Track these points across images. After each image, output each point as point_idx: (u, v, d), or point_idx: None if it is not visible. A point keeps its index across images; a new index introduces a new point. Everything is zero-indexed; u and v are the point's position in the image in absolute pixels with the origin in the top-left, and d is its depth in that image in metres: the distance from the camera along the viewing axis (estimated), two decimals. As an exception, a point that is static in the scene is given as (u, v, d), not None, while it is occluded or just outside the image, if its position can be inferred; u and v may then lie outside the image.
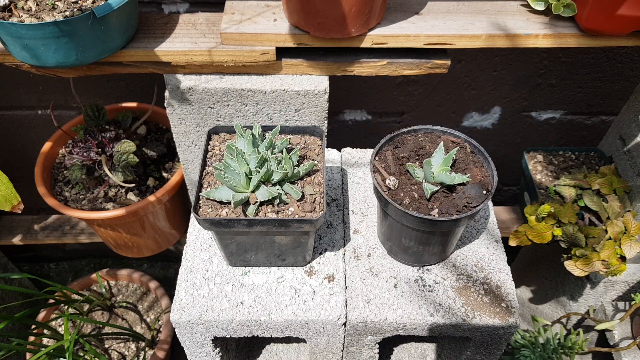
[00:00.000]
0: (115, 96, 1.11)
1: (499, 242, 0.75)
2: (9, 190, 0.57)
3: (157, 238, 1.09)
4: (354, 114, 1.15)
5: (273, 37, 0.74)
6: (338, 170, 0.86)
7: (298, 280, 0.70)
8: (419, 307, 0.67)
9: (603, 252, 0.84)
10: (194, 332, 0.68)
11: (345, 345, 0.72)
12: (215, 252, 0.73)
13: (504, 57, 1.04)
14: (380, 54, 0.78)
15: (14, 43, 0.66)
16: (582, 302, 1.08)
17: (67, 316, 1.01)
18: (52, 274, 1.60)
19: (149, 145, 1.01)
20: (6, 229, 1.23)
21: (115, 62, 0.76)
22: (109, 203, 0.98)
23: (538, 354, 0.97)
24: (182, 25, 0.79)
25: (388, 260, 0.73)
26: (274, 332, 0.69)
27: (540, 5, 0.77)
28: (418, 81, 1.08)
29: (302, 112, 0.81)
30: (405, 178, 0.64)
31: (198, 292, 0.68)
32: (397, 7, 0.79)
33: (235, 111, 0.81)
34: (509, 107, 1.15)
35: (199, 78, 0.78)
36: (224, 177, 0.59)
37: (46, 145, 1.03)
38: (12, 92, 1.10)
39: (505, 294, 0.69)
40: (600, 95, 1.13)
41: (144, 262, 1.60)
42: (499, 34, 0.75)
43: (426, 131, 0.69)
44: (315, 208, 0.62)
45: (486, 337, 0.69)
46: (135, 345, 1.26)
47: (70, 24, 0.64)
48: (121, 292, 1.38)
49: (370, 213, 0.79)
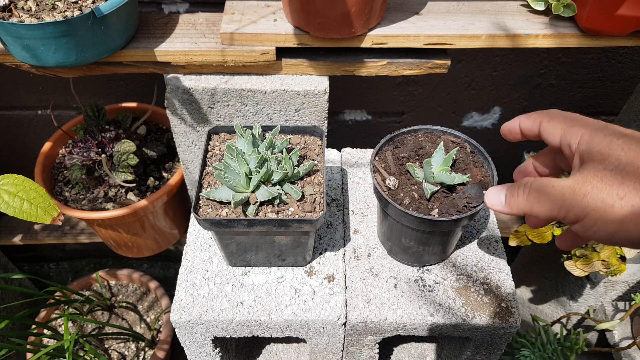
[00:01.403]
0: (115, 96, 1.11)
1: (499, 242, 0.75)
2: (47, 202, 0.56)
3: (157, 238, 1.09)
4: (354, 114, 1.15)
5: (273, 37, 0.74)
6: (338, 170, 0.86)
7: (298, 280, 0.70)
8: (419, 307, 0.67)
9: (603, 252, 0.84)
10: (194, 332, 0.68)
11: (345, 345, 0.72)
12: (215, 252, 0.73)
13: (504, 57, 1.04)
14: (380, 54, 0.78)
15: (14, 43, 0.66)
16: (582, 302, 1.08)
17: (67, 316, 1.01)
18: (52, 274, 1.60)
19: (149, 145, 1.01)
20: (6, 229, 1.23)
21: (115, 62, 0.76)
22: (109, 203, 0.98)
23: (538, 354, 0.97)
24: (182, 25, 0.79)
25: (388, 261, 0.73)
26: (274, 332, 0.69)
27: (540, 5, 0.77)
28: (418, 81, 1.08)
29: (302, 112, 0.81)
30: (405, 178, 0.64)
31: (198, 292, 0.68)
32: (397, 7, 0.79)
33: (235, 111, 0.81)
34: (509, 107, 1.15)
35: (199, 78, 0.78)
36: (224, 177, 0.59)
37: (46, 145, 1.03)
38: (12, 92, 1.10)
39: (505, 294, 0.69)
40: (600, 95, 1.13)
41: (144, 262, 1.60)
42: (499, 34, 0.75)
43: (426, 131, 0.69)
44: (315, 208, 0.62)
45: (486, 337, 0.69)
46: (135, 345, 1.26)
47: (70, 24, 0.64)
48: (121, 292, 1.38)
49: (370, 213, 0.79)
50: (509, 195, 0.42)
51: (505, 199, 0.42)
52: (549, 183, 0.38)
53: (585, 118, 0.40)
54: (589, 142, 0.37)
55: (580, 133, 0.38)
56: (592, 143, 0.36)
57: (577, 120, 0.40)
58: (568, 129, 0.39)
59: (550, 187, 0.38)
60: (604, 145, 0.35)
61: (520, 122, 0.45)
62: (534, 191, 0.39)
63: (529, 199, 0.39)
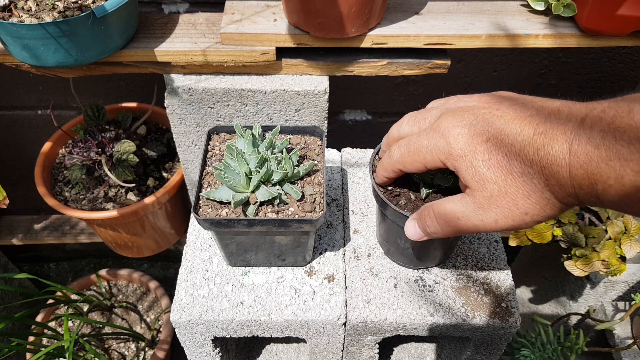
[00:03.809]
0: (115, 96, 1.11)
1: (499, 242, 0.75)
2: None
3: (157, 238, 1.09)
4: (354, 114, 1.15)
5: (273, 37, 0.74)
6: (338, 170, 0.86)
7: (298, 280, 0.70)
8: (419, 307, 0.67)
9: (603, 252, 0.84)
10: (194, 332, 0.68)
11: (345, 345, 0.72)
12: (215, 252, 0.73)
13: (504, 57, 1.04)
14: (380, 54, 0.78)
15: (14, 43, 0.66)
16: (582, 302, 1.08)
17: (67, 316, 1.01)
18: (52, 274, 1.60)
19: (149, 145, 1.01)
20: (6, 229, 1.23)
21: (115, 62, 0.76)
22: (109, 203, 0.98)
23: (538, 354, 0.97)
24: (182, 25, 0.79)
25: (388, 261, 0.73)
26: (274, 332, 0.69)
27: (540, 5, 0.77)
28: (418, 81, 1.08)
29: (302, 112, 0.81)
30: (404, 179, 0.64)
31: (198, 292, 0.68)
32: (397, 7, 0.79)
33: (235, 111, 0.81)
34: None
35: (199, 78, 0.78)
36: (224, 177, 0.59)
37: (46, 145, 1.03)
38: (12, 92, 1.10)
39: (505, 294, 0.69)
40: (600, 95, 1.13)
41: (144, 262, 1.60)
42: (499, 34, 0.75)
43: None
44: (315, 208, 0.62)
45: (486, 337, 0.69)
46: (135, 345, 1.26)
47: (70, 24, 0.64)
48: (121, 292, 1.38)
49: (370, 213, 0.79)
50: (421, 227, 0.47)
51: (421, 230, 0.47)
52: (453, 215, 0.42)
53: (419, 141, 0.43)
54: (458, 170, 0.40)
55: (438, 160, 0.41)
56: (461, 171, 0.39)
57: (420, 150, 0.43)
58: (428, 163, 0.43)
59: (456, 219, 0.41)
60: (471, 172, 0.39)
61: (386, 176, 0.53)
62: (443, 224, 0.43)
63: (443, 230, 0.44)
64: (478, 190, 0.38)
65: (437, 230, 0.45)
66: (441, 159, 0.40)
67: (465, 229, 0.41)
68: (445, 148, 0.39)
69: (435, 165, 0.42)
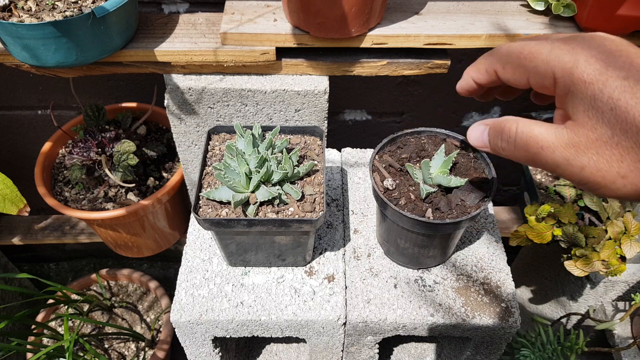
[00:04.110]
0: (115, 96, 1.11)
1: (499, 242, 0.75)
2: (14, 194, 0.57)
3: (157, 238, 1.09)
4: (354, 114, 1.15)
5: (273, 37, 0.74)
6: (338, 170, 0.86)
7: (298, 280, 0.70)
8: (419, 307, 0.67)
9: (603, 252, 0.84)
10: (194, 332, 0.68)
11: (345, 345, 0.72)
12: (215, 252, 0.73)
13: (504, 57, 1.04)
14: (380, 54, 0.78)
15: (14, 43, 0.66)
16: (582, 302, 1.08)
17: (67, 316, 1.01)
18: (52, 274, 1.60)
19: (149, 145, 1.01)
20: (6, 229, 1.23)
21: (115, 62, 0.76)
22: (109, 203, 0.98)
23: (538, 354, 0.97)
24: (182, 25, 0.79)
25: (388, 261, 0.73)
26: (274, 332, 0.69)
27: (540, 5, 0.77)
28: (418, 81, 1.08)
29: (302, 112, 0.81)
30: (405, 179, 0.64)
31: (198, 292, 0.68)
32: (397, 7, 0.79)
33: (235, 111, 0.81)
34: (509, 107, 1.15)
35: (199, 78, 0.78)
36: (224, 177, 0.59)
37: (46, 145, 1.03)
38: (12, 92, 1.10)
39: (505, 294, 0.69)
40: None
41: (144, 262, 1.60)
42: (499, 34, 0.75)
43: (429, 134, 0.69)
44: (315, 208, 0.62)
45: (486, 337, 0.69)
46: (135, 345, 1.26)
47: (70, 24, 0.64)
48: (121, 292, 1.38)
49: (370, 213, 0.79)
50: (492, 138, 0.39)
51: (489, 141, 0.39)
52: (536, 142, 0.34)
53: (540, 46, 0.35)
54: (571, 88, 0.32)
55: (552, 74, 0.34)
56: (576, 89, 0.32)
57: (535, 56, 0.35)
58: (533, 74, 0.35)
59: (538, 147, 0.35)
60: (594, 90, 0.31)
61: (473, 77, 0.42)
62: (520, 147, 0.36)
63: (515, 153, 0.37)
64: (585, 127, 0.32)
65: (508, 149, 0.37)
66: (556, 75, 0.33)
67: (542, 162, 0.34)
68: (569, 64, 0.32)
69: (542, 83, 0.35)
